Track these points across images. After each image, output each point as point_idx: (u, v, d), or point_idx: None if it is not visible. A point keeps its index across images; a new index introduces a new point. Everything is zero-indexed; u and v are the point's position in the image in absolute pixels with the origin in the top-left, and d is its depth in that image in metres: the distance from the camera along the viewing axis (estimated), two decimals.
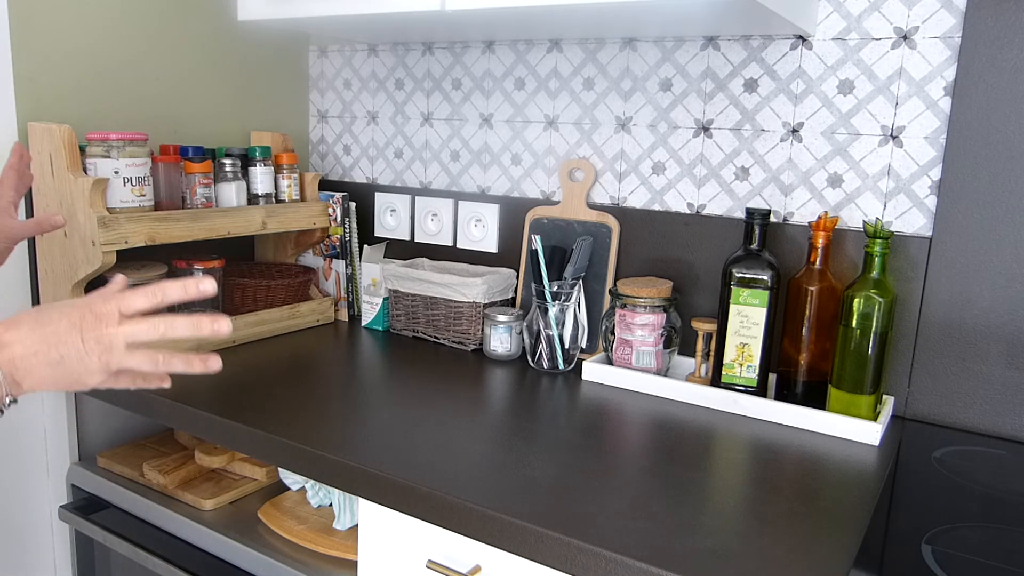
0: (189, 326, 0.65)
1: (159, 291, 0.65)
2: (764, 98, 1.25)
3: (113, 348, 0.63)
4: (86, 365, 0.63)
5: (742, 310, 1.15)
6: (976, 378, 1.12)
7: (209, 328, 0.65)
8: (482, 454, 0.96)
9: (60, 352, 0.62)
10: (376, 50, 1.67)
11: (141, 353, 0.65)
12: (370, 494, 0.91)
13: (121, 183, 1.21)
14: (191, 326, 0.65)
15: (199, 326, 0.65)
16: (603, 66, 1.39)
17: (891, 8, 1.13)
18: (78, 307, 0.64)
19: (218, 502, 1.17)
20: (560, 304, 1.31)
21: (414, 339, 1.49)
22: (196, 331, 0.65)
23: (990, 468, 1.02)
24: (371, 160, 1.72)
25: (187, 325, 0.65)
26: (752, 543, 0.77)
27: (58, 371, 0.62)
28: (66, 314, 0.63)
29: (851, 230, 1.19)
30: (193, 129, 1.55)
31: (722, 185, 1.30)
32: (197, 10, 1.52)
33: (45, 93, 1.31)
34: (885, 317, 1.06)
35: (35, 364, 0.62)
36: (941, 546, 0.82)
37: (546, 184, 1.49)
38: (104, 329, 0.63)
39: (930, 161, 1.14)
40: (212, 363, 0.68)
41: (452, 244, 1.60)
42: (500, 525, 0.81)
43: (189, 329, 0.65)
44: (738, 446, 1.02)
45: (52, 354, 0.62)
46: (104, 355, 0.63)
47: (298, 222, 1.52)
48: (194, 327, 0.65)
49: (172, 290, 0.66)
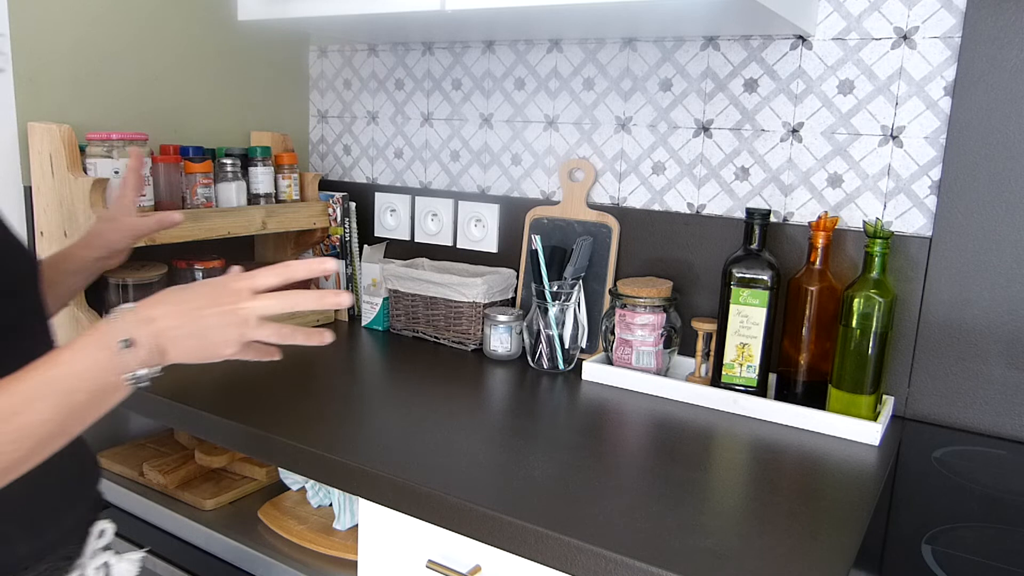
0: (315, 298, 0.71)
1: (286, 269, 0.71)
2: (764, 98, 1.25)
3: (248, 321, 0.69)
4: (223, 336, 0.68)
5: (742, 310, 1.15)
6: (976, 378, 1.12)
7: (333, 300, 0.71)
8: (482, 454, 0.96)
9: (200, 325, 0.67)
10: (376, 50, 1.67)
11: (271, 326, 0.70)
12: (370, 494, 0.91)
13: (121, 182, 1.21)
14: (317, 298, 0.71)
15: (323, 298, 0.71)
16: (603, 66, 1.39)
17: (891, 8, 1.13)
18: (214, 285, 0.70)
19: (218, 502, 1.17)
20: (560, 304, 1.31)
21: (414, 339, 1.49)
22: (321, 303, 0.71)
23: (990, 468, 1.02)
24: (371, 160, 1.72)
25: (313, 297, 0.71)
26: (752, 543, 0.77)
27: (198, 342, 0.68)
28: (204, 292, 0.69)
29: (851, 230, 1.19)
30: (193, 129, 1.55)
31: (722, 185, 1.30)
32: (197, 10, 1.52)
33: (45, 93, 1.31)
34: (885, 317, 1.06)
35: (177, 336, 0.67)
36: (941, 546, 0.82)
37: (546, 184, 1.49)
38: (239, 304, 0.68)
39: (930, 161, 1.14)
40: (327, 336, 0.74)
41: (452, 244, 1.60)
42: (500, 525, 0.81)
43: (315, 301, 0.71)
44: (738, 446, 1.02)
45: (193, 327, 0.67)
46: (240, 327, 0.68)
47: (298, 222, 1.52)
48: (319, 299, 0.71)
49: (299, 269, 0.72)
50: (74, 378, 0.62)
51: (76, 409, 0.63)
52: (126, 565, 0.83)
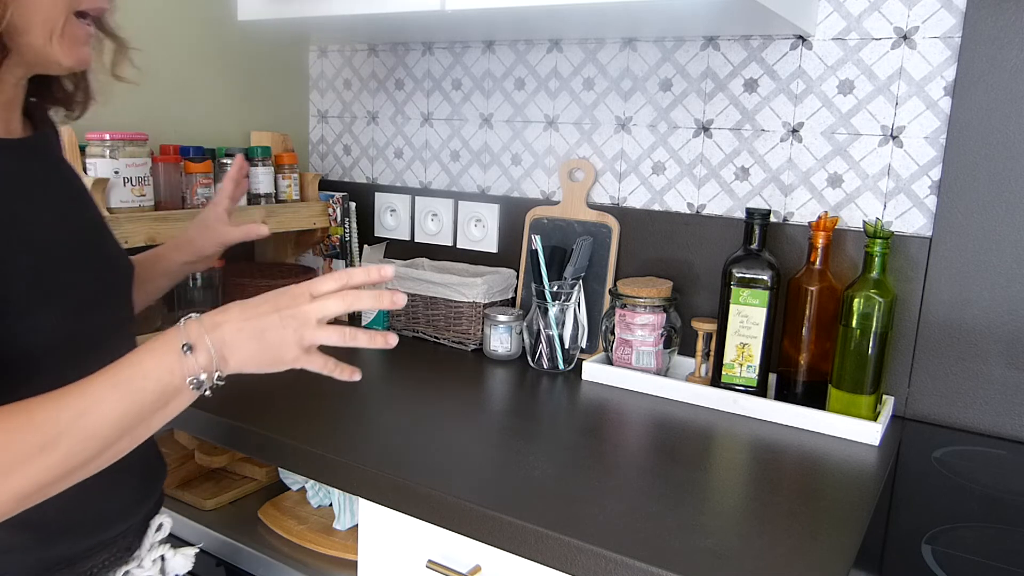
0: (373, 298, 0.72)
1: (344, 275, 0.72)
2: (764, 98, 1.25)
3: (307, 323, 0.70)
4: (283, 338, 0.69)
5: (742, 310, 1.15)
6: (976, 378, 1.12)
7: (389, 300, 0.72)
8: (482, 454, 0.96)
9: (261, 326, 0.68)
10: (376, 50, 1.67)
11: (331, 328, 0.71)
12: (370, 494, 0.91)
13: (121, 183, 1.21)
14: (374, 298, 0.72)
15: (380, 298, 0.72)
16: (603, 66, 1.39)
17: (891, 8, 1.13)
18: (277, 292, 0.71)
19: (218, 502, 1.17)
20: (560, 304, 1.31)
21: (414, 339, 1.49)
22: (378, 303, 0.72)
23: (990, 468, 1.02)
24: (371, 160, 1.72)
25: (371, 297, 0.72)
26: (752, 543, 0.77)
27: (260, 345, 0.69)
28: (267, 298, 0.70)
29: (851, 230, 1.19)
30: (193, 129, 1.55)
31: (722, 185, 1.30)
32: (197, 10, 1.52)
33: None
34: (885, 317, 1.06)
35: (240, 339, 0.68)
36: (941, 546, 0.82)
37: (546, 184, 1.49)
38: (298, 307, 0.70)
39: (930, 161, 1.14)
40: (391, 339, 0.74)
41: (452, 244, 1.60)
42: (500, 525, 0.81)
43: (373, 301, 0.72)
44: (738, 446, 1.02)
45: (254, 330, 0.68)
46: (299, 329, 0.69)
47: (298, 222, 1.52)
48: (376, 299, 0.72)
49: (357, 274, 0.73)
50: (141, 378, 0.63)
51: (142, 410, 0.63)
52: (180, 559, 0.86)
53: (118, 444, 0.63)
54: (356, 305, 0.71)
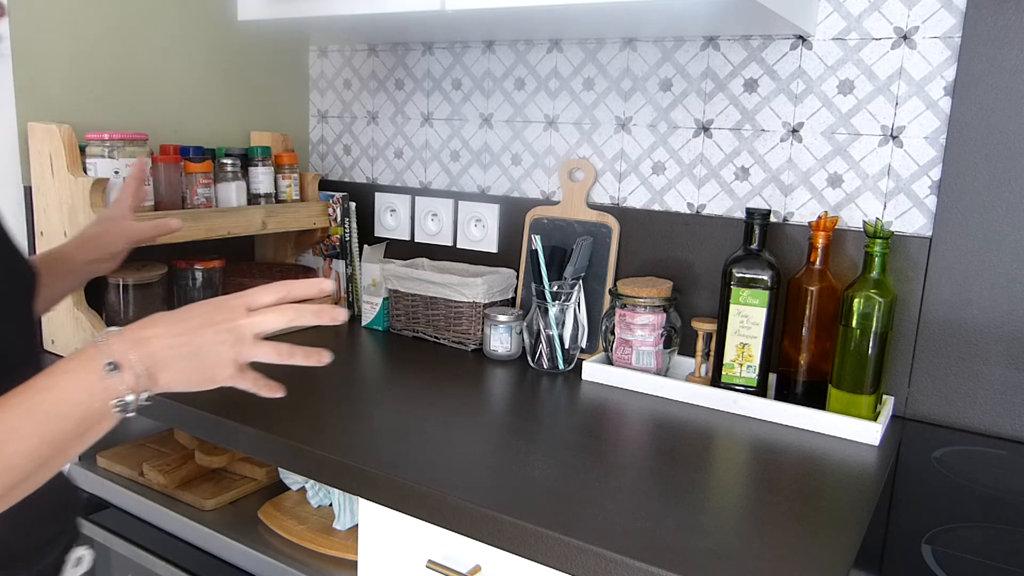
0: (313, 313, 0.68)
1: (283, 288, 0.69)
2: (764, 98, 1.25)
3: (244, 339, 0.65)
4: (219, 355, 0.65)
5: (742, 310, 1.15)
6: (976, 378, 1.12)
7: (330, 315, 0.69)
8: (482, 454, 0.96)
9: (195, 344, 0.64)
10: (376, 50, 1.67)
11: (268, 345, 0.67)
12: (370, 494, 0.91)
13: (121, 183, 1.21)
14: (316, 314, 0.68)
15: (321, 313, 0.68)
16: (603, 66, 1.39)
17: (891, 8, 1.13)
18: (209, 304, 0.67)
19: (218, 502, 1.17)
20: (560, 304, 1.31)
21: (414, 339, 1.49)
22: (319, 318, 0.68)
23: (990, 468, 1.02)
24: (371, 160, 1.72)
25: (313, 313, 0.68)
26: (752, 543, 0.77)
27: (193, 364, 0.64)
28: (198, 311, 0.66)
29: (851, 230, 1.19)
30: (193, 129, 1.55)
31: (722, 185, 1.30)
32: (197, 10, 1.52)
33: (45, 93, 1.31)
34: (885, 317, 1.06)
35: (172, 357, 0.63)
36: (941, 546, 0.82)
37: (546, 184, 1.49)
38: (235, 321, 0.65)
39: (930, 161, 1.14)
40: (325, 356, 0.71)
41: (452, 244, 1.60)
42: (500, 525, 0.81)
43: (315, 317, 0.68)
44: (738, 446, 1.02)
45: (188, 347, 0.63)
46: (236, 345, 0.65)
47: (298, 222, 1.52)
48: (317, 314, 0.68)
49: (297, 287, 0.69)
50: (58, 403, 0.58)
51: (59, 439, 0.58)
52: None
53: (33, 477, 0.57)
54: (298, 320, 0.67)
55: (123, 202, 1.02)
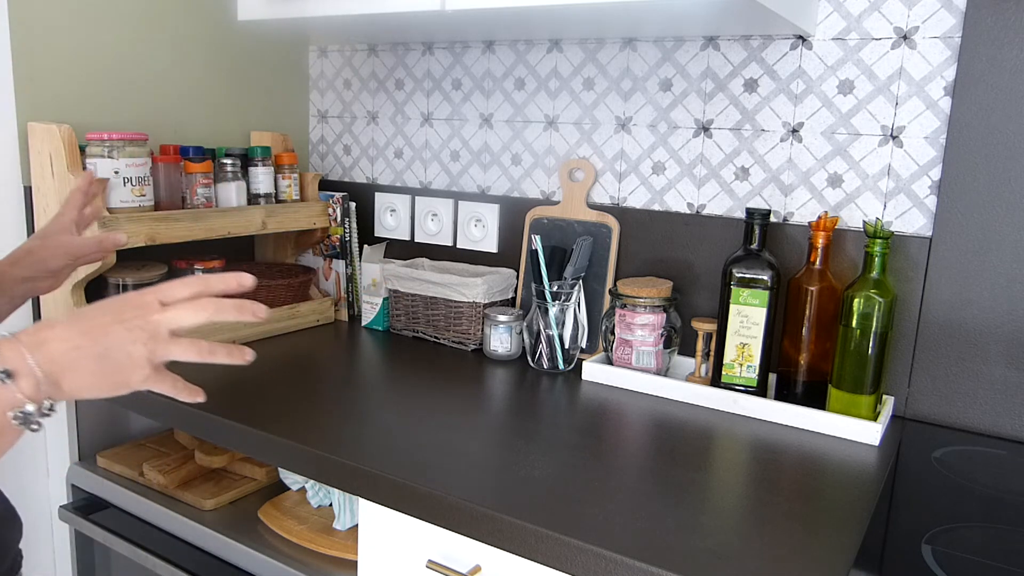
0: (235, 308, 0.63)
1: (200, 281, 0.64)
2: (764, 98, 1.25)
3: (158, 335, 0.60)
4: (130, 356, 0.59)
5: (742, 310, 1.15)
6: (976, 378, 1.12)
7: (251, 310, 0.64)
8: (482, 454, 0.96)
9: (103, 344, 0.58)
10: (376, 50, 1.67)
11: (186, 341, 0.62)
12: (370, 494, 0.91)
13: (121, 183, 1.21)
14: (237, 309, 0.64)
15: (242, 308, 0.64)
16: (603, 66, 1.39)
17: (891, 8, 1.13)
18: (117, 300, 0.61)
19: (218, 502, 1.17)
20: (560, 304, 1.31)
21: (414, 339, 1.49)
22: (240, 313, 0.64)
23: (990, 468, 1.02)
24: (371, 160, 1.72)
25: (234, 308, 0.63)
26: (752, 543, 0.77)
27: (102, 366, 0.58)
28: (105, 308, 0.60)
29: (851, 230, 1.19)
30: (193, 129, 1.55)
31: (722, 185, 1.30)
32: (197, 10, 1.52)
33: (45, 93, 1.31)
34: (885, 317, 1.06)
35: (77, 359, 0.57)
36: (941, 546, 0.82)
37: (546, 184, 1.49)
38: (148, 316, 0.60)
39: (930, 161, 1.14)
40: (248, 354, 0.66)
41: (452, 244, 1.60)
42: (500, 525, 0.81)
43: (236, 312, 0.64)
44: (738, 446, 1.02)
45: (95, 347, 0.58)
46: (149, 343, 0.60)
47: (298, 222, 1.52)
48: (239, 309, 0.64)
49: (215, 281, 0.64)
50: None
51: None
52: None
53: None
54: (217, 316, 0.62)
55: (65, 215, 0.94)
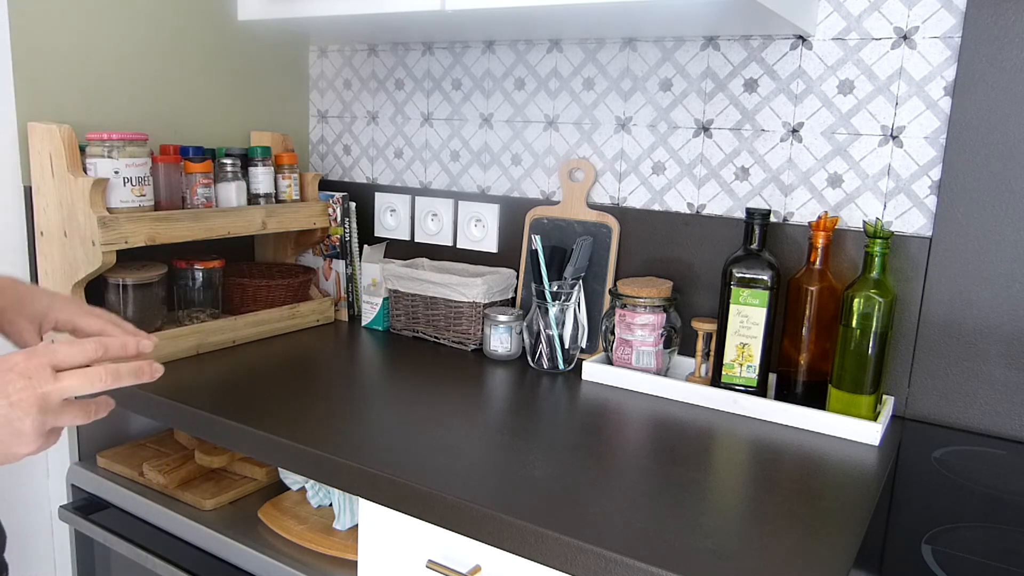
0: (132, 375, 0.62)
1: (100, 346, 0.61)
2: (764, 98, 1.25)
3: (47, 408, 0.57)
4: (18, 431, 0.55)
5: (742, 310, 1.15)
6: (976, 378, 1.12)
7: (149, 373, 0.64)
8: (482, 454, 0.96)
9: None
10: (376, 50, 1.67)
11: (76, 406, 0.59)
12: (370, 494, 0.91)
13: (121, 183, 1.21)
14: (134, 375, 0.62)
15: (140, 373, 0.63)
16: (603, 66, 1.39)
17: (891, 8, 1.13)
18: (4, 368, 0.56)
19: (218, 502, 1.17)
20: (560, 304, 1.31)
21: (414, 339, 1.49)
22: (138, 379, 0.63)
23: (990, 468, 1.02)
24: (371, 160, 1.72)
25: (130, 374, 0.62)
26: (752, 543, 0.77)
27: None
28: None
29: (851, 230, 1.19)
30: (193, 129, 1.55)
31: (722, 185, 1.30)
32: (197, 10, 1.52)
33: (45, 93, 1.31)
34: (885, 317, 1.06)
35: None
36: (941, 546, 0.82)
37: (546, 184, 1.49)
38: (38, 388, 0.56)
39: (930, 161, 1.14)
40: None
41: (452, 244, 1.60)
42: (500, 525, 0.81)
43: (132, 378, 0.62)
44: (738, 446, 1.02)
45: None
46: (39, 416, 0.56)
47: (298, 222, 1.52)
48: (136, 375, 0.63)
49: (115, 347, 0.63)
50: None
51: None
52: None
53: None
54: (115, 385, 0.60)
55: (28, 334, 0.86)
